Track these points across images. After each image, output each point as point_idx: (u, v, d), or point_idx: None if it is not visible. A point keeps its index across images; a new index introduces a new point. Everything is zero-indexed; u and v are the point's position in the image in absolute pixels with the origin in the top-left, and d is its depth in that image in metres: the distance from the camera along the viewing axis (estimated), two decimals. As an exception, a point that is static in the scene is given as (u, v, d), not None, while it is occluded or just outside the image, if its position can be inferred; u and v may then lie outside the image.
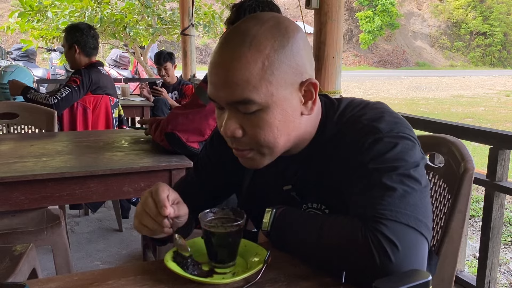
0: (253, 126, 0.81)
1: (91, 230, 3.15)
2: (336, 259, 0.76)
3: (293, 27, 0.83)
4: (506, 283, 2.78)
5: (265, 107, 0.79)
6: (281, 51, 0.79)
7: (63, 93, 2.79)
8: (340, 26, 2.38)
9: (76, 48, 2.91)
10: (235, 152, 0.87)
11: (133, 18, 6.88)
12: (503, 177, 1.69)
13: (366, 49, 29.09)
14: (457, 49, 31.51)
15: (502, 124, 8.73)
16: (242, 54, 0.77)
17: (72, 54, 2.93)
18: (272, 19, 0.82)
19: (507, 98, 13.13)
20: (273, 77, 0.79)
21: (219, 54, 0.81)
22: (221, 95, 0.80)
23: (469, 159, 1.02)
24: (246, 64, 0.77)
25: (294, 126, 0.84)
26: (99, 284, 0.76)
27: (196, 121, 1.67)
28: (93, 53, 2.99)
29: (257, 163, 0.87)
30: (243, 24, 0.82)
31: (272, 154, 0.85)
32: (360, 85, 16.47)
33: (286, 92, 0.81)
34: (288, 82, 0.81)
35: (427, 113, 10.18)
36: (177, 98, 4.52)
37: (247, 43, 0.78)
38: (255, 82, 0.77)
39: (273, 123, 0.81)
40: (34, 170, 1.50)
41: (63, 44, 3.00)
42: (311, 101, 0.85)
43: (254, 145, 0.83)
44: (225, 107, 0.82)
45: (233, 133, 0.82)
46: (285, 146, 0.85)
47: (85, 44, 2.92)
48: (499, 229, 1.74)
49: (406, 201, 0.75)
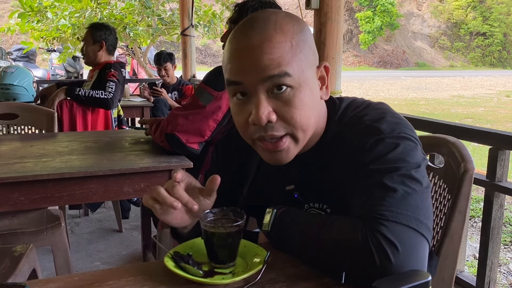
0: (288, 106, 0.80)
1: (91, 231, 3.15)
2: (336, 259, 0.76)
3: (302, 19, 0.87)
4: (506, 283, 2.78)
5: (297, 86, 0.80)
6: (301, 34, 0.82)
7: (112, 87, 2.82)
8: (340, 26, 2.38)
9: (104, 44, 2.96)
10: (266, 147, 0.83)
11: (133, 19, 6.88)
12: (503, 178, 1.69)
13: (366, 49, 29.09)
14: (457, 49, 31.51)
15: (502, 125, 8.73)
16: (272, 35, 0.79)
17: (95, 49, 2.97)
18: (281, 11, 0.87)
19: (507, 99, 13.13)
20: (302, 55, 0.81)
21: (244, 39, 0.80)
22: (252, 75, 0.79)
23: (469, 160, 1.02)
24: (277, 44, 0.79)
25: (319, 110, 0.87)
26: (99, 285, 0.76)
27: (196, 122, 1.67)
28: (113, 53, 3.06)
29: (288, 155, 0.84)
30: (259, 14, 0.84)
31: (303, 139, 0.84)
32: (360, 85, 16.47)
33: (311, 72, 0.83)
34: (311, 63, 0.84)
35: (427, 113, 10.18)
36: (177, 98, 4.52)
37: (272, 26, 0.80)
38: (288, 58, 0.79)
39: (306, 102, 0.81)
40: (34, 170, 1.50)
41: (86, 39, 3.01)
42: (324, 86, 0.87)
43: (289, 128, 0.81)
44: (253, 91, 0.80)
45: (268, 117, 0.79)
46: (312, 130, 0.85)
47: (111, 43, 3.00)
48: (499, 230, 1.74)
49: (407, 202, 0.75)
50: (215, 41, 23.32)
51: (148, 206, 0.84)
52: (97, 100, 2.81)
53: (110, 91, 2.81)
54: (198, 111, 1.67)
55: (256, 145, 0.85)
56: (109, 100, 2.80)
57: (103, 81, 2.87)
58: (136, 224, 3.24)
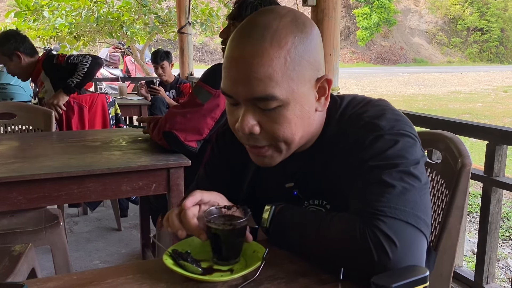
0: (272, 122, 0.81)
1: (90, 230, 3.15)
2: (334, 255, 0.76)
3: (309, 23, 0.83)
4: (505, 278, 2.79)
5: (285, 103, 0.79)
6: (301, 47, 0.79)
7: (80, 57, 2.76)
8: (337, 23, 2.38)
9: (20, 55, 2.79)
10: (251, 151, 0.86)
11: (129, 17, 6.87)
12: (500, 173, 1.70)
13: (363, 46, 29.08)
14: (454, 45, 31.53)
15: (500, 120, 8.75)
16: (264, 50, 0.76)
17: (17, 64, 2.81)
18: (289, 13, 0.81)
19: (505, 94, 13.15)
20: (295, 73, 0.78)
21: (238, 48, 0.79)
22: (240, 90, 0.79)
23: (466, 155, 1.03)
24: (268, 61, 0.76)
25: (309, 122, 0.85)
26: (98, 283, 0.76)
27: (194, 120, 1.67)
28: (34, 53, 2.89)
29: (272, 161, 0.86)
30: (261, 17, 0.80)
31: (288, 150, 0.85)
32: (358, 82, 16.47)
33: (305, 89, 0.81)
34: (307, 78, 0.81)
35: (425, 109, 10.19)
36: (175, 96, 4.52)
37: (268, 38, 0.77)
38: (277, 78, 0.77)
39: (292, 119, 0.81)
40: (32, 170, 1.50)
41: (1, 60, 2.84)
42: (324, 97, 0.85)
43: (271, 141, 0.83)
44: (242, 103, 0.81)
45: (251, 129, 0.81)
46: (299, 142, 0.85)
47: (26, 47, 2.82)
48: (497, 225, 1.75)
49: (405, 198, 0.75)
50: (213, 39, 23.29)
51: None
52: (89, 71, 2.73)
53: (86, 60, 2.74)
54: (196, 109, 1.67)
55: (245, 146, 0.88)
56: (93, 59, 2.73)
57: (61, 69, 2.76)
58: (135, 222, 3.24)
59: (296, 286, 0.75)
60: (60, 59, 2.80)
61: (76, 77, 2.76)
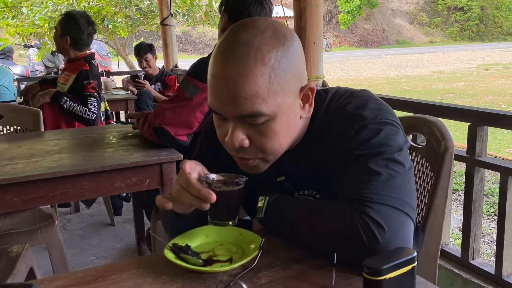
0: (261, 135, 0.84)
1: (83, 226, 3.16)
2: (327, 242, 0.80)
3: (290, 34, 0.85)
4: (490, 252, 2.89)
5: (272, 117, 0.83)
6: (284, 61, 0.81)
7: (94, 104, 2.77)
8: (319, 11, 2.40)
9: (68, 40, 2.85)
10: (239, 161, 0.90)
11: (110, 10, 6.79)
12: (482, 153, 1.76)
13: (346, 29, 29.07)
14: (436, 25, 31.69)
15: (482, 98, 8.89)
16: (249, 69, 0.79)
17: (62, 43, 2.86)
18: (269, 27, 0.83)
19: (486, 72, 13.33)
20: (279, 87, 0.81)
21: (223, 67, 0.81)
22: (228, 109, 0.82)
23: (449, 138, 1.08)
24: (254, 79, 0.79)
25: (295, 130, 0.89)
26: (104, 280, 0.80)
27: (184, 114, 1.69)
28: (84, 48, 2.94)
29: (259, 169, 0.91)
30: (243, 34, 0.82)
31: (274, 159, 0.90)
32: (342, 66, 16.52)
33: (290, 100, 0.84)
34: (291, 90, 0.84)
35: (409, 91, 10.30)
36: (161, 89, 4.50)
37: (252, 56, 0.79)
38: (263, 95, 0.80)
39: (280, 131, 0.85)
40: (26, 171, 1.51)
41: (56, 28, 2.90)
42: (308, 104, 0.89)
43: (260, 153, 0.87)
44: (230, 119, 0.84)
45: (241, 143, 0.84)
46: (285, 149, 0.90)
47: (76, 39, 2.86)
48: (480, 202, 1.81)
49: (391, 184, 0.80)
50: (195, 28, 23.10)
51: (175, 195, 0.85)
52: (80, 118, 2.76)
53: (94, 110, 2.76)
54: (185, 103, 1.69)
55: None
56: (92, 121, 2.76)
57: (82, 94, 2.80)
58: (128, 217, 3.26)
59: (293, 272, 0.79)
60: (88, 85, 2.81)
61: (72, 108, 2.75)
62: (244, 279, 0.76)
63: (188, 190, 0.82)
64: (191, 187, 0.81)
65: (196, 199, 0.81)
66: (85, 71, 2.84)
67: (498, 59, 17.05)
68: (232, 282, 0.73)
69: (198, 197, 0.81)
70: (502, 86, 10.41)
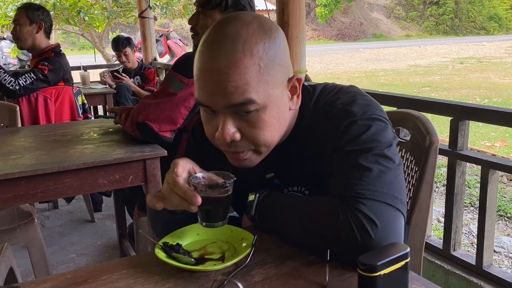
0: (252, 127, 0.83)
1: (62, 223, 3.11)
2: (319, 238, 0.80)
3: (275, 27, 0.85)
4: (468, 243, 2.96)
5: (262, 107, 0.82)
6: (272, 52, 0.82)
7: (27, 80, 2.68)
8: (302, 5, 2.40)
9: (42, 25, 2.76)
10: (230, 156, 0.89)
11: (87, 2, 6.64)
12: (463, 146, 1.79)
13: (323, 23, 29.16)
14: (412, 19, 32.09)
15: (458, 92, 9.05)
16: (239, 60, 0.78)
17: (32, 31, 2.75)
18: (254, 20, 0.83)
19: (461, 66, 13.57)
20: (269, 77, 0.81)
21: (211, 60, 0.80)
22: (217, 100, 0.81)
23: (433, 133, 1.09)
24: (243, 69, 0.79)
25: (285, 122, 0.89)
26: (94, 281, 0.78)
27: (168, 110, 1.66)
28: (50, 37, 2.89)
29: (251, 163, 0.90)
30: (229, 27, 0.82)
31: (267, 151, 0.89)
32: (321, 59, 16.59)
33: (279, 91, 0.84)
34: (280, 81, 0.84)
35: (386, 84, 10.41)
36: (140, 83, 4.44)
37: (240, 48, 0.79)
38: (253, 83, 0.80)
39: (271, 122, 0.84)
40: (5, 169, 1.47)
41: (20, 20, 2.75)
42: (295, 96, 0.89)
43: (252, 145, 0.86)
44: (220, 111, 0.83)
45: (232, 137, 0.83)
46: (277, 141, 0.89)
47: (49, 25, 2.81)
48: (462, 195, 1.85)
49: (382, 180, 0.80)
50: (172, 21, 22.80)
51: (165, 193, 0.83)
52: (2, 87, 2.65)
53: (21, 83, 2.66)
54: (169, 99, 1.66)
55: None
56: (13, 92, 2.66)
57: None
58: (108, 213, 3.21)
59: (286, 269, 0.79)
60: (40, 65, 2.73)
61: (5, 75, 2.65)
62: (238, 277, 0.76)
63: (175, 191, 0.81)
64: (178, 188, 0.81)
65: (183, 200, 0.81)
66: (50, 57, 2.79)
67: (472, 53, 17.39)
68: (226, 280, 0.73)
69: (185, 199, 0.80)
70: (476, 79, 10.63)
